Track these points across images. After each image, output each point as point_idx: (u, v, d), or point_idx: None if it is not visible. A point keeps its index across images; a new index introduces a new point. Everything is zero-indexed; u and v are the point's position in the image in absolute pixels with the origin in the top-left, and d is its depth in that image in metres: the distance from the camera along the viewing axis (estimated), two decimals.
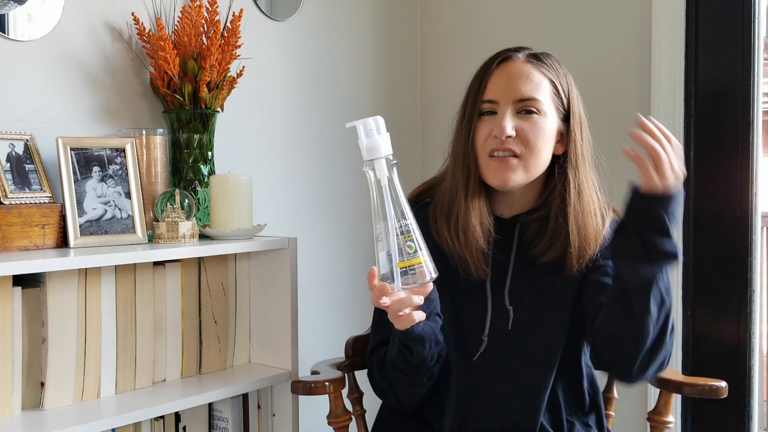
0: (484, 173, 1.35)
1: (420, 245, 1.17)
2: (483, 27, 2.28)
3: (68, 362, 1.43)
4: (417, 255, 1.16)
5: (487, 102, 1.34)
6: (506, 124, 1.31)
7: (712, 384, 1.41)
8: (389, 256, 1.16)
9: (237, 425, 1.71)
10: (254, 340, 1.76)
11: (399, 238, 1.16)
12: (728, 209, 1.87)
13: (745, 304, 1.86)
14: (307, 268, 2.08)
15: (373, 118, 1.18)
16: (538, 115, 1.33)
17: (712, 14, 1.88)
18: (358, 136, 1.18)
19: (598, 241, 1.34)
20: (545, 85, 1.34)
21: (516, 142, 1.31)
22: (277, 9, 2.03)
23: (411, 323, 1.23)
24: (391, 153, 1.18)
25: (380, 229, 1.17)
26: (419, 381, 1.33)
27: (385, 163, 1.18)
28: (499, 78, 1.34)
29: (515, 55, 1.36)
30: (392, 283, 1.17)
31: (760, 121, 1.84)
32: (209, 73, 1.68)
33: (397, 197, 1.18)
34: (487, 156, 1.33)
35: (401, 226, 1.17)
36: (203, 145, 1.72)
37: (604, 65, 2.05)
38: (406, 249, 1.16)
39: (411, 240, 1.16)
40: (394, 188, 1.18)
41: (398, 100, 2.35)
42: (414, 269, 1.16)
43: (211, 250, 1.56)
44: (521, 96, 1.32)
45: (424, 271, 1.17)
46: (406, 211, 1.18)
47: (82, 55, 1.66)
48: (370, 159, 1.18)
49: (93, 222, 1.52)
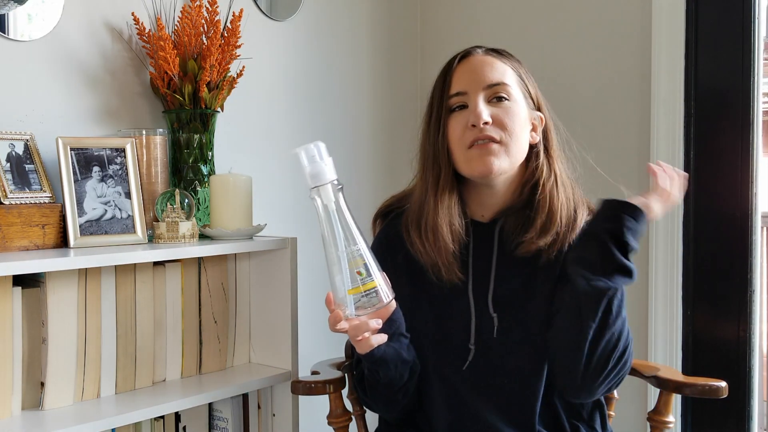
0: (466, 165, 1.32)
1: (372, 269, 1.15)
2: (483, 27, 2.28)
3: (68, 362, 1.43)
4: (369, 280, 1.15)
5: (456, 96, 1.33)
6: (481, 110, 1.29)
7: (712, 384, 1.41)
8: (345, 275, 1.15)
9: (237, 425, 1.71)
10: (254, 340, 1.76)
11: (350, 263, 1.15)
12: (728, 209, 1.88)
13: (745, 304, 1.86)
14: (307, 268, 2.08)
15: (314, 143, 1.16)
16: (509, 101, 1.32)
17: (712, 14, 1.88)
18: (301, 164, 1.16)
19: (573, 228, 1.33)
20: (510, 73, 1.34)
21: (494, 129, 1.30)
22: (277, 9, 2.03)
23: (370, 347, 1.24)
24: (335, 178, 1.16)
25: (332, 254, 1.16)
26: (394, 398, 1.34)
27: (330, 188, 1.16)
28: (463, 71, 1.34)
29: (475, 51, 1.36)
30: (346, 309, 1.16)
31: (760, 121, 1.84)
32: (209, 73, 1.68)
33: (345, 222, 1.16)
34: (466, 148, 1.31)
35: (351, 252, 1.15)
36: (203, 145, 1.72)
37: (605, 66, 2.05)
38: (356, 276, 1.14)
39: (362, 266, 1.14)
40: (342, 213, 1.16)
41: (398, 100, 2.35)
42: (369, 293, 1.15)
43: (211, 250, 1.56)
44: (489, 81, 1.31)
45: (380, 295, 1.16)
46: (356, 236, 1.16)
47: (82, 55, 1.66)
48: (315, 186, 1.16)
49: (93, 222, 1.52)
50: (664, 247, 1.93)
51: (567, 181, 1.37)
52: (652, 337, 1.96)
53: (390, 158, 2.32)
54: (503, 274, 1.35)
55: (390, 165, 2.32)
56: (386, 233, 1.44)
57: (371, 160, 2.28)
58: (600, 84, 2.05)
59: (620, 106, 2.03)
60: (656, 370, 1.49)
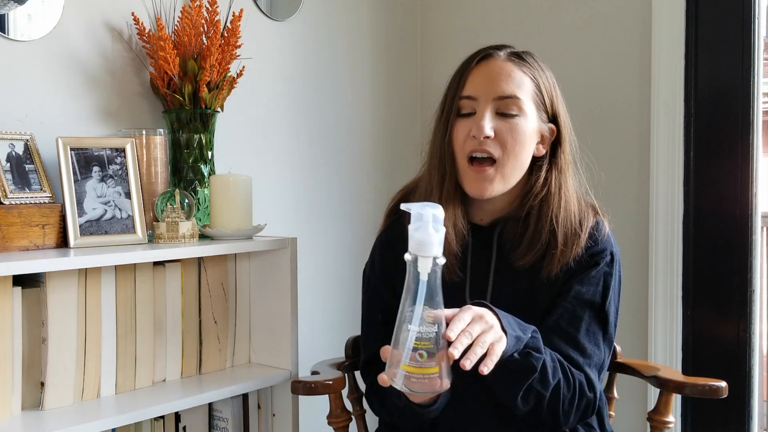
0: (462, 181, 1.33)
1: (438, 355, 1.04)
2: (483, 27, 2.28)
3: (68, 362, 1.43)
4: (430, 365, 1.03)
5: (466, 98, 1.31)
6: (485, 124, 1.28)
7: (712, 384, 1.41)
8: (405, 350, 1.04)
9: (237, 425, 1.71)
10: (254, 340, 1.76)
11: (416, 342, 1.03)
12: (728, 209, 1.88)
13: (745, 304, 1.86)
14: (307, 268, 2.08)
15: (433, 207, 1.04)
16: (519, 116, 1.30)
17: (712, 14, 1.88)
18: (410, 220, 1.05)
19: (576, 245, 1.31)
20: (527, 84, 1.32)
21: (494, 144, 1.29)
22: (277, 9, 2.03)
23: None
24: (440, 254, 1.04)
25: (404, 323, 1.04)
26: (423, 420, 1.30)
27: (431, 263, 1.04)
28: (478, 75, 1.32)
29: (496, 53, 1.33)
30: (395, 378, 1.05)
31: (760, 121, 1.84)
32: (209, 73, 1.68)
33: (430, 301, 1.04)
34: (465, 160, 1.31)
35: (422, 332, 1.03)
36: (203, 145, 1.72)
37: (604, 65, 2.05)
38: (417, 356, 1.03)
39: (427, 349, 1.03)
40: (431, 290, 1.04)
41: (398, 100, 2.35)
42: (421, 376, 1.04)
43: (211, 250, 1.56)
44: (501, 93, 1.29)
45: (433, 382, 1.04)
46: (437, 317, 1.04)
47: (82, 55, 1.66)
48: (416, 255, 1.04)
49: (93, 222, 1.52)
50: (664, 247, 1.93)
51: (573, 196, 1.34)
52: (652, 337, 1.96)
53: (390, 158, 2.32)
54: (502, 278, 1.34)
55: (390, 165, 2.32)
56: (388, 233, 1.45)
57: (371, 160, 2.28)
58: (600, 84, 2.05)
59: (620, 106, 2.02)
60: (656, 370, 1.49)
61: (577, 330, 1.29)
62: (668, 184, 1.92)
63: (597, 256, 1.32)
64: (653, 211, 1.95)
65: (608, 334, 1.32)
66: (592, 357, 1.29)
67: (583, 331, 1.29)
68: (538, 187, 1.33)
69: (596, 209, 1.38)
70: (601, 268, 1.32)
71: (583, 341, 1.29)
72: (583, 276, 1.31)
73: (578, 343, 1.29)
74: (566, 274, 1.31)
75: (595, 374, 1.30)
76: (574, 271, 1.31)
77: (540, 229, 1.31)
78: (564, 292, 1.31)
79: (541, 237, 1.31)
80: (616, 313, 1.35)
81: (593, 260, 1.32)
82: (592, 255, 1.32)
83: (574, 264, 1.31)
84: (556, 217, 1.31)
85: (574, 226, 1.32)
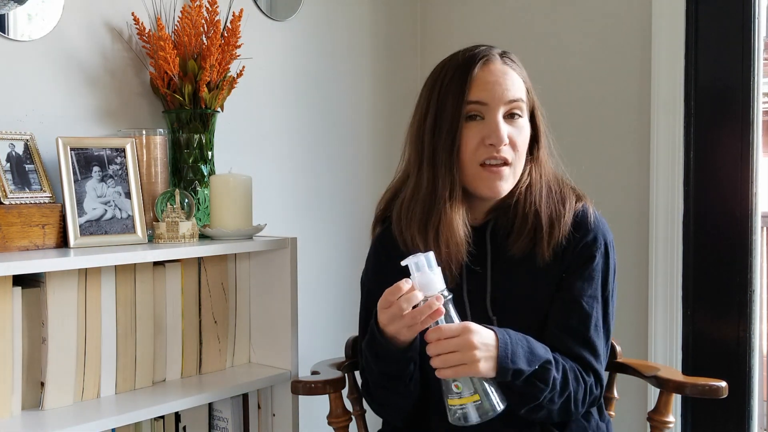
0: (473, 183, 1.31)
1: (473, 386, 1.17)
2: (483, 27, 2.28)
3: (68, 362, 1.43)
4: (468, 393, 1.17)
5: (475, 103, 1.29)
6: (503, 131, 1.28)
7: (712, 384, 1.41)
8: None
9: (237, 425, 1.71)
10: (254, 340, 1.76)
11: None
12: (728, 209, 1.88)
13: (745, 304, 1.86)
14: (307, 268, 2.08)
15: (424, 254, 1.19)
16: (521, 117, 1.32)
17: (712, 14, 1.88)
18: (411, 273, 1.19)
19: (563, 225, 1.32)
20: (522, 85, 1.34)
21: (509, 150, 1.30)
22: (277, 9, 2.03)
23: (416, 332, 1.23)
24: (444, 288, 1.19)
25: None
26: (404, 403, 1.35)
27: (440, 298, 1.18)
28: (485, 79, 1.30)
29: (493, 55, 1.33)
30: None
31: (760, 121, 1.84)
32: (209, 73, 1.68)
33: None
34: (477, 165, 1.30)
35: None
36: (203, 145, 1.72)
37: (604, 65, 2.05)
38: (452, 388, 1.18)
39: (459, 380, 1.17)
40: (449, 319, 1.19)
41: (398, 100, 2.35)
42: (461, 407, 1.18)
43: (211, 250, 1.56)
44: (510, 98, 1.30)
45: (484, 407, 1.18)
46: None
47: (82, 55, 1.66)
48: (425, 296, 1.18)
49: (93, 222, 1.52)
50: (664, 247, 1.93)
51: (551, 177, 1.37)
52: (652, 337, 1.96)
53: (389, 158, 2.32)
54: (500, 276, 1.35)
55: (390, 165, 2.31)
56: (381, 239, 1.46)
57: (371, 160, 2.28)
58: (600, 84, 2.05)
59: (620, 105, 2.03)
60: (656, 370, 1.49)
61: (587, 328, 1.31)
62: (668, 183, 1.92)
63: (592, 247, 1.33)
64: (653, 211, 1.95)
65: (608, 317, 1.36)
66: (602, 353, 1.33)
67: (593, 327, 1.31)
68: (523, 178, 1.35)
69: (577, 192, 1.39)
70: (598, 261, 1.33)
71: (593, 338, 1.31)
72: (584, 271, 1.32)
73: (589, 341, 1.31)
74: (563, 264, 1.33)
75: (603, 368, 1.34)
76: (572, 264, 1.33)
77: (526, 213, 1.32)
78: (567, 289, 1.32)
79: (528, 220, 1.32)
80: (614, 297, 1.38)
81: (589, 252, 1.33)
82: (587, 246, 1.33)
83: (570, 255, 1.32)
84: (538, 200, 1.33)
85: (558, 206, 1.34)
